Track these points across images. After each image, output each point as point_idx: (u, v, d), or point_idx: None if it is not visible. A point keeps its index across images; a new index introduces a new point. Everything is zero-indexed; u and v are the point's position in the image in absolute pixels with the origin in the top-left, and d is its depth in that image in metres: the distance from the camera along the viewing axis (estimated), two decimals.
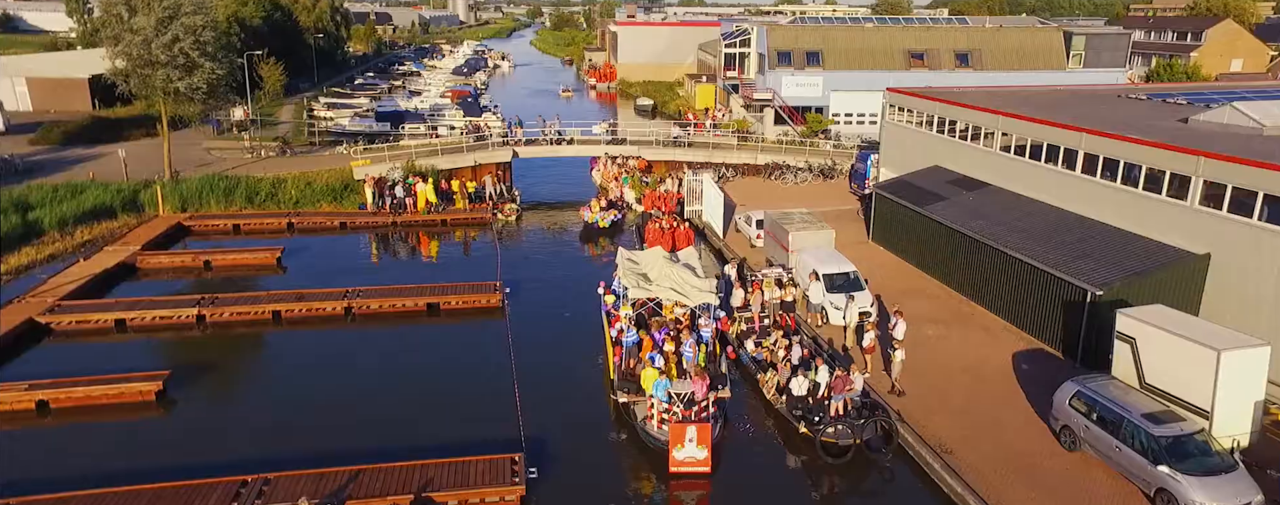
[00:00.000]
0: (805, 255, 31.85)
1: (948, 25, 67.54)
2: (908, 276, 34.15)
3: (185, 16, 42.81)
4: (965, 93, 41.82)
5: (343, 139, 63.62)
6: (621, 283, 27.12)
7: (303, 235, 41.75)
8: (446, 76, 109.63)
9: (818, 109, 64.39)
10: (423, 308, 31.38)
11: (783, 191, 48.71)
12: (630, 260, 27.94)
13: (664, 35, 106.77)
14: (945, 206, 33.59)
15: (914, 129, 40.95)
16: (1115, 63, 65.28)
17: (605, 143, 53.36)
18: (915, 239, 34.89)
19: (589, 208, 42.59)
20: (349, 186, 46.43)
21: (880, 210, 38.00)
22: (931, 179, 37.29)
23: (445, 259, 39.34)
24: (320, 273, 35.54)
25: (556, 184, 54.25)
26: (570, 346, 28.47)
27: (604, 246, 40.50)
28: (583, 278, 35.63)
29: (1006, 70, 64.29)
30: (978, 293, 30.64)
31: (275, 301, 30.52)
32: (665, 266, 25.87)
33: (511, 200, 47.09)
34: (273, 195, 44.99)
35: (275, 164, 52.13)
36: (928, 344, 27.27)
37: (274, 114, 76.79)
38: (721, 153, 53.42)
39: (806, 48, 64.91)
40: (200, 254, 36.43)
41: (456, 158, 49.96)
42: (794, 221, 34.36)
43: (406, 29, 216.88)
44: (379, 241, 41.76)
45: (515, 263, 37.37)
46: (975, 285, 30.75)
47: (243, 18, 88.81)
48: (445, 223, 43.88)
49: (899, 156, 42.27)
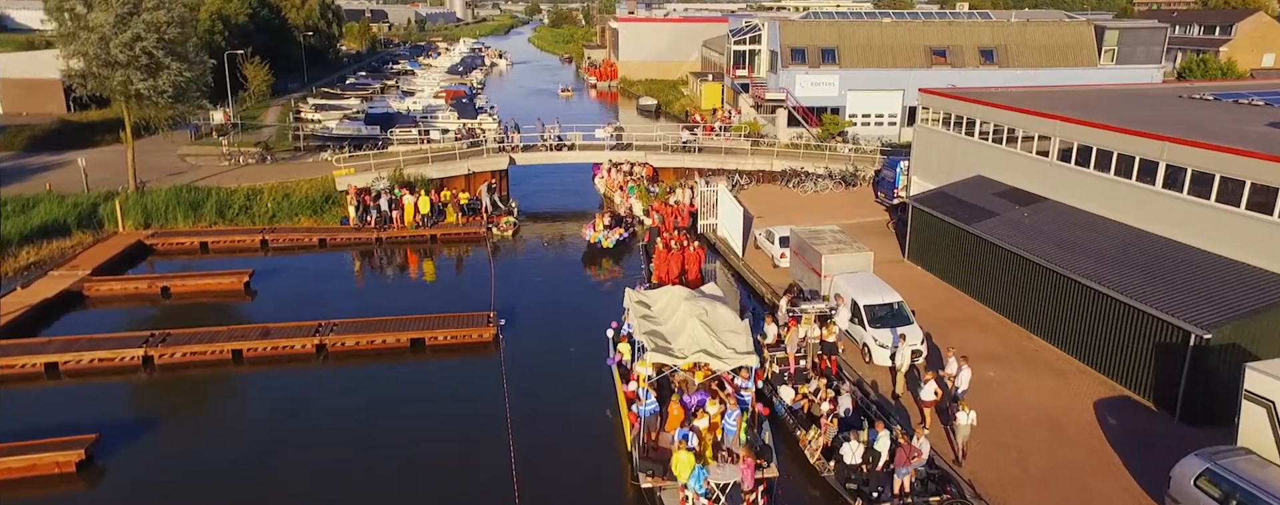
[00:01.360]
0: (842, 281, 27.94)
1: (970, 20, 63.58)
2: (953, 303, 30.25)
3: (148, 12, 38.81)
4: (1009, 94, 37.90)
5: (329, 144, 59.77)
6: (633, 330, 22.86)
7: (278, 254, 37.82)
8: (441, 76, 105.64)
9: (834, 110, 60.47)
10: (406, 344, 27.50)
11: (802, 201, 44.80)
12: (641, 304, 23.40)
13: (666, 32, 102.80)
14: (997, 224, 29.68)
15: (951, 134, 37.05)
16: (1150, 59, 61.36)
17: (609, 148, 49.43)
18: (961, 260, 30.99)
19: (592, 226, 38.45)
20: (331, 198, 42.49)
21: (918, 226, 34.09)
22: (976, 191, 33.39)
23: (434, 282, 35.44)
24: (293, 300, 31.66)
25: (556, 193, 50.34)
26: (575, 394, 24.58)
27: (608, 269, 36.54)
28: (587, 306, 31.78)
29: (1034, 67, 60.47)
30: (1041, 325, 26.73)
31: (236, 338, 26.60)
32: (688, 320, 21.15)
33: (508, 212, 43.17)
34: (246, 209, 41.05)
35: (254, 172, 48.20)
36: (990, 389, 23.39)
37: (258, 116, 72.88)
38: (734, 158, 49.50)
39: (821, 44, 60.94)
40: (158, 279, 32.47)
41: (448, 166, 46.03)
42: (825, 241, 30.44)
43: (402, 26, 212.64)
44: (361, 261, 37.85)
45: (511, 286, 33.46)
46: (1038, 316, 26.84)
47: (227, 15, 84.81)
48: (435, 239, 39.93)
49: (934, 164, 38.38)
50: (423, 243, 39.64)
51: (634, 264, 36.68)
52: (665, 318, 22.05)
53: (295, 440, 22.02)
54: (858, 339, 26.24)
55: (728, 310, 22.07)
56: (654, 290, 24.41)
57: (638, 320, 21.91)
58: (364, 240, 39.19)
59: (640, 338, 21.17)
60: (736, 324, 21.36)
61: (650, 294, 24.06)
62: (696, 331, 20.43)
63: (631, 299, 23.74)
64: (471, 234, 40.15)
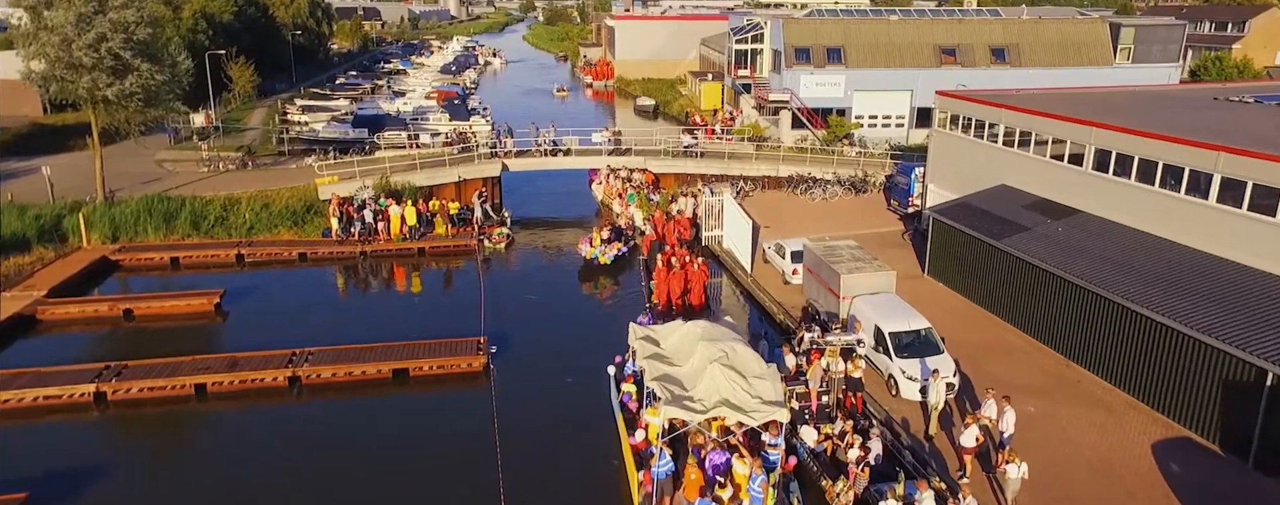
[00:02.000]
0: (863, 304, 25.63)
1: (981, 18, 61.28)
2: (980, 324, 27.94)
3: (114, 11, 36.33)
4: (1033, 97, 35.59)
5: (315, 147, 57.30)
6: (641, 372, 20.26)
7: (254, 269, 35.39)
8: (433, 75, 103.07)
9: (840, 111, 58.14)
10: (387, 375, 25.11)
11: (810, 209, 42.48)
12: (649, 341, 20.70)
13: (664, 30, 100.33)
14: (1029, 239, 27.38)
15: (971, 140, 34.76)
16: (1168, 57, 59.10)
17: (607, 153, 47.05)
18: (988, 277, 28.69)
19: (589, 240, 35.86)
20: (313, 208, 40.04)
21: (939, 240, 31.79)
22: (1001, 202, 31.10)
23: (420, 301, 33.01)
24: (267, 323, 29.27)
25: (552, 199, 47.97)
26: (574, 432, 22.28)
27: (607, 287, 34.11)
28: (585, 329, 29.48)
29: (1047, 66, 58.20)
30: (1082, 352, 24.44)
31: (201, 371, 24.17)
32: (708, 365, 18.36)
33: (501, 223, 40.78)
34: (222, 220, 38.57)
35: (233, 180, 45.74)
36: (1031, 426, 21.06)
37: (243, 119, 70.37)
38: (739, 164, 47.15)
39: (827, 43, 58.59)
40: (120, 301, 29.97)
41: (438, 173, 43.62)
42: (843, 258, 28.10)
43: (395, 24, 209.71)
44: (343, 277, 35.43)
45: (503, 307, 31.09)
46: (1078, 342, 24.54)
47: (211, 13, 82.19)
48: (423, 252, 37.51)
49: (953, 172, 36.08)
50: (410, 256, 37.24)
51: (634, 280, 34.28)
52: (679, 358, 19.51)
53: (262, 490, 19.65)
54: (882, 369, 23.92)
55: (749, 351, 19.56)
56: (663, 327, 21.65)
57: (646, 361, 19.38)
58: (347, 254, 36.76)
59: (651, 384, 18.60)
60: (761, 368, 18.90)
61: (659, 330, 21.37)
62: (717, 379, 17.91)
63: (636, 334, 21.15)
64: (462, 247, 37.75)
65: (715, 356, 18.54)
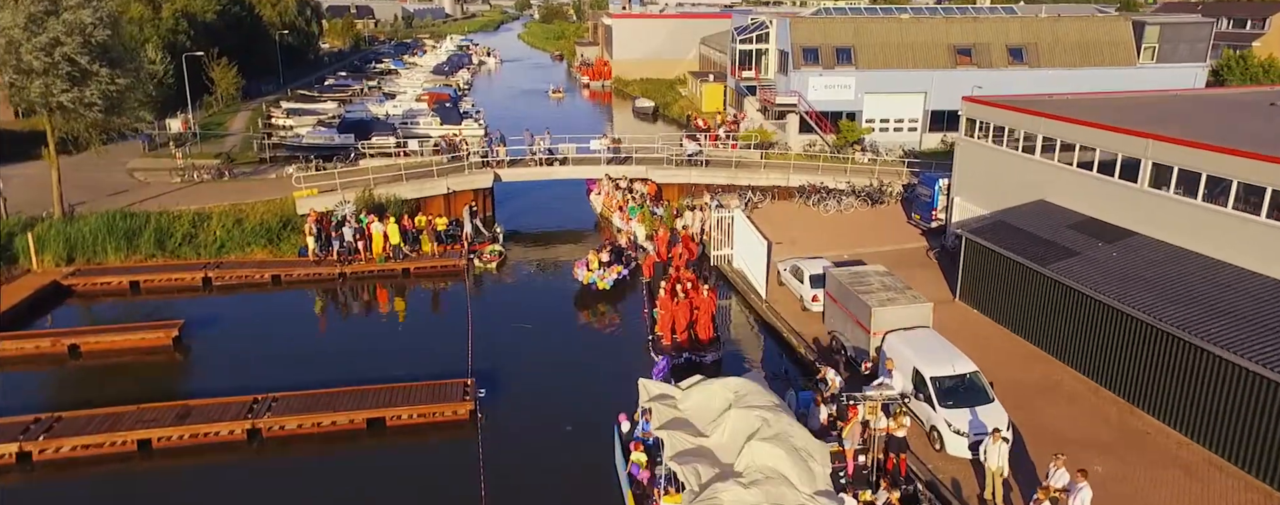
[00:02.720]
0: (898, 343, 22.71)
1: (997, 16, 58.36)
2: (1026, 360, 25.04)
3: (69, 11, 33.30)
4: (1074, 104, 32.67)
5: (299, 154, 54.26)
6: (660, 442, 17.03)
7: (223, 294, 32.40)
8: (426, 76, 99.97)
9: (849, 114, 55.24)
10: (361, 425, 22.16)
11: (823, 223, 39.57)
12: (665, 401, 17.60)
13: (662, 28, 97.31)
14: (1080, 265, 24.48)
15: (1005, 151, 31.87)
16: (1194, 57, 56.25)
17: (606, 161, 44.07)
18: (1032, 306, 25.80)
19: (586, 263, 32.65)
20: (290, 224, 37.00)
21: (973, 262, 28.89)
22: (1041, 220, 28.21)
23: (403, 331, 29.97)
24: (230, 361, 26.30)
25: (547, 210, 45.04)
26: (575, 496, 19.39)
27: (607, 315, 31.05)
28: (584, 365, 26.55)
29: (1067, 67, 55.47)
30: (1149, 398, 21.56)
31: (146, 423, 21.17)
32: (746, 442, 15.31)
33: (493, 239, 37.82)
34: (191, 238, 35.53)
35: (208, 191, 42.69)
36: (1103, 490, 18.11)
37: (224, 123, 67.31)
38: (746, 173, 44.20)
39: (836, 43, 55.66)
40: (66, 335, 26.87)
41: (425, 184, 40.61)
42: (872, 287, 25.16)
43: (388, 23, 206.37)
44: (320, 303, 32.43)
45: (495, 336, 28.15)
46: (1145, 386, 21.67)
47: (192, 13, 79.06)
48: (407, 273, 34.55)
49: (982, 184, 33.24)
50: (393, 278, 34.26)
51: (636, 306, 31.19)
52: (705, 425, 16.41)
53: None
54: (923, 420, 21.02)
55: (789, 417, 16.53)
56: (683, 385, 18.41)
57: (668, 433, 16.28)
58: (325, 276, 33.76)
59: (672, 465, 15.49)
60: (805, 438, 15.93)
61: (678, 390, 18.23)
62: (758, 457, 14.86)
63: (649, 393, 18.08)
64: (449, 267, 34.77)
65: (752, 428, 15.54)
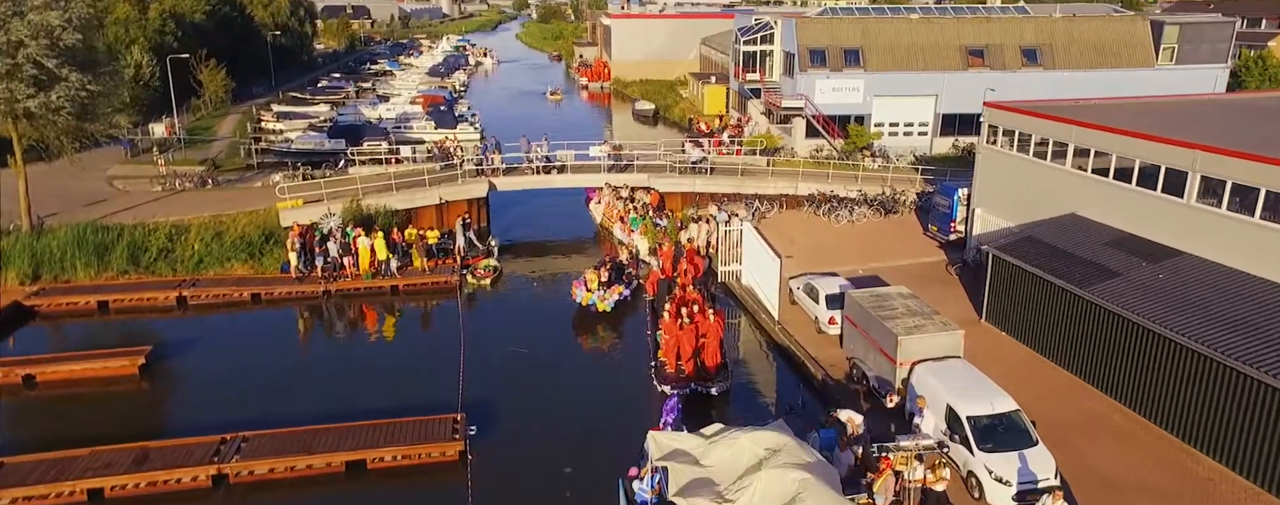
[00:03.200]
0: (928, 375, 20.73)
1: (1010, 16, 56.36)
2: (1065, 391, 23.07)
3: (35, 12, 31.29)
4: (1105, 109, 30.71)
5: (288, 160, 52.27)
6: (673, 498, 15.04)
7: (198, 314, 30.38)
8: (421, 77, 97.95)
9: (858, 118, 53.27)
10: (340, 468, 20.16)
11: (834, 234, 37.58)
12: (683, 458, 15.53)
13: (662, 28, 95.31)
14: (1124, 288, 22.52)
15: (1032, 160, 29.91)
16: (1215, 58, 54.26)
17: (606, 169, 42.04)
18: (1070, 332, 23.83)
19: (584, 282, 30.54)
20: (272, 237, 34.96)
21: (1001, 280, 26.90)
22: (1076, 237, 26.24)
23: (390, 355, 27.91)
24: (199, 393, 24.31)
25: (544, 219, 43.08)
26: None
27: (608, 339, 28.94)
28: (584, 397, 24.52)
29: (1083, 68, 53.52)
30: (1211, 440, 19.56)
31: (98, 470, 19.14)
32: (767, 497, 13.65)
33: (487, 253, 35.82)
34: (167, 252, 33.52)
35: (189, 200, 40.71)
36: None
37: (212, 127, 65.24)
38: (753, 181, 42.15)
39: (844, 44, 53.69)
40: (19, 365, 24.74)
41: (417, 194, 38.57)
42: (896, 311, 23.17)
43: (385, 23, 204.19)
44: (302, 324, 30.44)
45: (487, 361, 26.15)
46: (1205, 426, 19.68)
47: (181, 13, 76.98)
48: (396, 291, 32.55)
49: (1006, 196, 31.32)
50: (381, 296, 32.26)
51: (639, 327, 29.18)
52: (729, 488, 14.35)
53: None
54: (960, 464, 19.04)
55: (829, 483, 14.49)
56: (703, 435, 16.28)
57: (685, 500, 14.20)
58: (308, 295, 31.74)
59: None
60: None
61: (696, 442, 16.00)
62: None
63: (661, 448, 16.02)
64: (441, 284, 32.77)
65: (787, 495, 13.47)
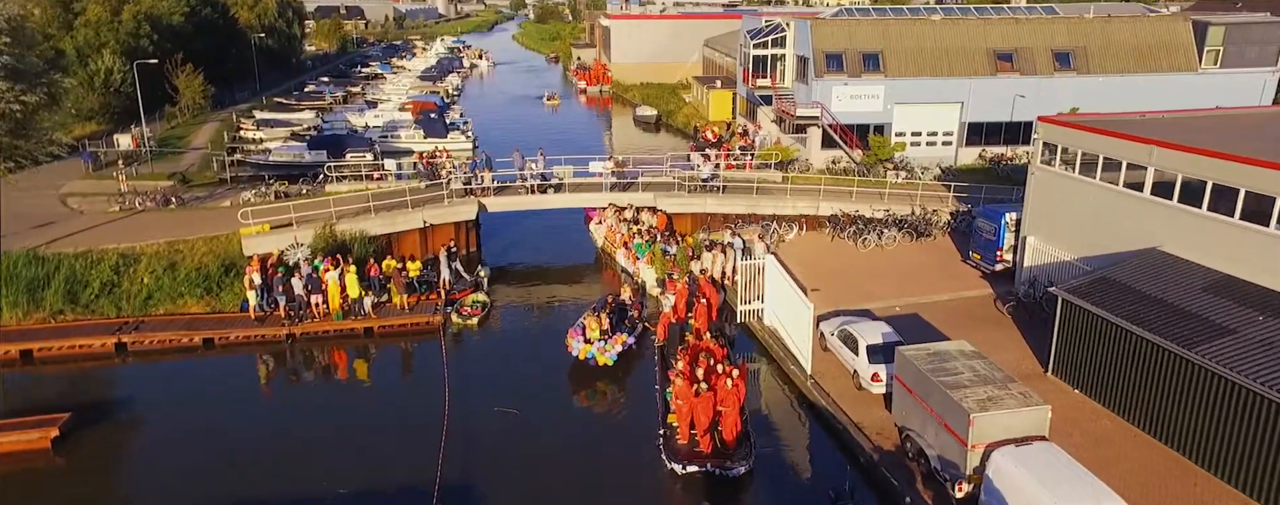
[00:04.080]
0: (1011, 465, 16.78)
1: (1040, 18, 52.40)
2: (1166, 475, 19.10)
3: None
4: (1178, 124, 26.78)
5: (264, 174, 48.35)
6: None
7: (140, 361, 26.44)
8: (413, 81, 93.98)
9: (877, 127, 49.42)
10: None
11: (862, 261, 33.68)
12: None
13: (663, 30, 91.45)
14: (1240, 350, 18.56)
15: (1098, 184, 26.01)
16: (1263, 60, 50.46)
17: (608, 188, 38.04)
18: (1173, 400, 19.84)
19: (581, 331, 26.07)
20: (233, 268, 31.00)
21: (1074, 330, 22.92)
22: (1161, 278, 22.30)
23: (357, 420, 23.77)
24: (124, 476, 20.39)
25: (540, 240, 39.25)
26: None
27: (611, 400, 24.70)
28: (584, 475, 20.55)
29: (1121, 73, 49.83)
30: None
31: None
32: None
33: (475, 286, 31.85)
34: (111, 288, 29.55)
35: (147, 223, 36.64)
36: None
37: (187, 137, 61.19)
38: (770, 200, 38.17)
39: (862, 48, 49.81)
40: None
41: (397, 217, 34.58)
42: (960, 377, 19.20)
43: (379, 24, 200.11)
44: (262, 375, 26.43)
45: (471, 427, 22.19)
46: None
47: (157, 16, 72.98)
48: (371, 333, 28.56)
49: (1065, 224, 27.45)
50: (353, 339, 28.26)
51: (645, 383, 25.11)
52: None
53: None
54: None
55: None
56: None
57: None
58: (269, 339, 27.73)
59: None
60: None
61: None
62: None
63: None
64: (422, 325, 28.77)
65: None
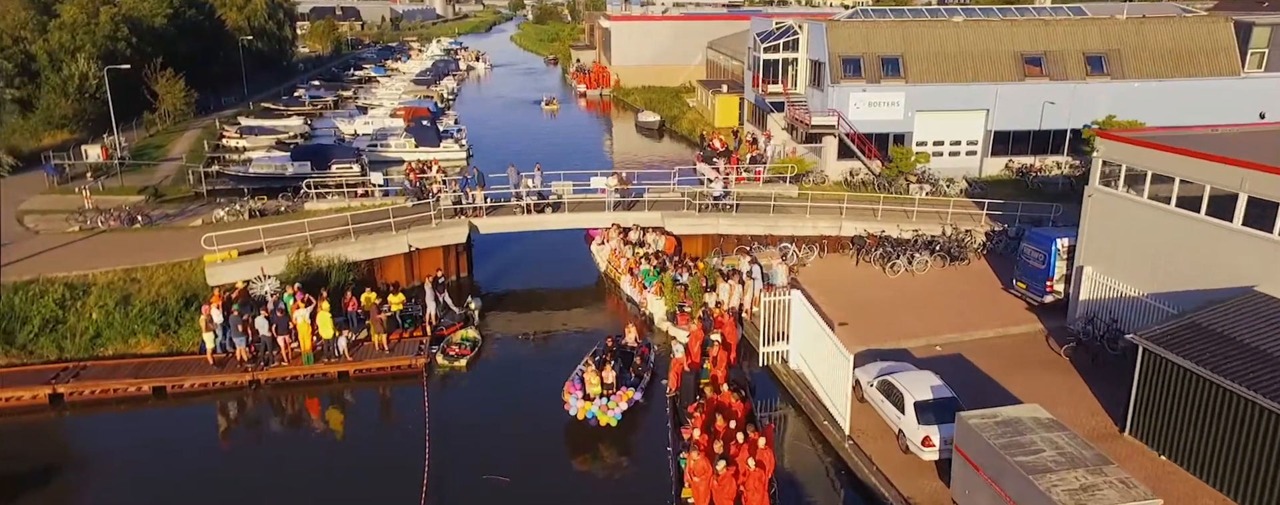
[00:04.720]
0: None
1: (1070, 19, 49.19)
2: None
3: None
4: (1255, 138, 23.52)
5: (243, 187, 45.15)
6: None
7: (78, 414, 23.14)
8: (407, 85, 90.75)
9: (897, 137, 46.25)
10: None
11: (889, 288, 30.47)
12: None
13: (665, 31, 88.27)
14: None
15: (1172, 211, 22.77)
16: None
17: (612, 206, 34.71)
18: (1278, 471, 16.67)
19: (580, 386, 22.41)
20: (194, 302, 27.66)
21: (1157, 385, 19.63)
22: (1266, 326, 19.04)
23: (326, 484, 20.50)
24: None
25: (536, 261, 36.02)
26: None
27: (614, 464, 21.18)
28: None
29: (1157, 77, 46.66)
30: None
31: None
32: None
33: (464, 319, 28.53)
34: (54, 325, 26.28)
35: (107, 245, 33.39)
36: None
37: (165, 146, 57.86)
38: (789, 220, 34.86)
39: (881, 52, 46.62)
40: None
41: (379, 241, 31.30)
42: (1039, 451, 15.90)
43: (375, 25, 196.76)
44: (220, 430, 23.13)
45: (455, 491, 18.91)
46: None
47: (138, 18, 69.70)
48: (346, 378, 25.24)
49: (1131, 256, 24.21)
50: (326, 386, 24.92)
51: (654, 443, 21.72)
52: None
53: None
54: None
55: None
56: None
57: None
58: (230, 386, 24.41)
59: None
60: None
61: None
62: None
63: None
64: (403, 368, 25.44)
65: None
